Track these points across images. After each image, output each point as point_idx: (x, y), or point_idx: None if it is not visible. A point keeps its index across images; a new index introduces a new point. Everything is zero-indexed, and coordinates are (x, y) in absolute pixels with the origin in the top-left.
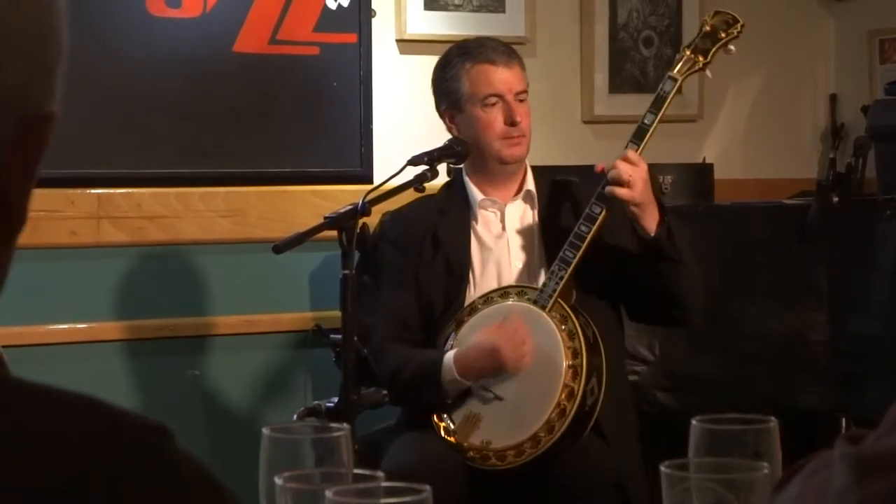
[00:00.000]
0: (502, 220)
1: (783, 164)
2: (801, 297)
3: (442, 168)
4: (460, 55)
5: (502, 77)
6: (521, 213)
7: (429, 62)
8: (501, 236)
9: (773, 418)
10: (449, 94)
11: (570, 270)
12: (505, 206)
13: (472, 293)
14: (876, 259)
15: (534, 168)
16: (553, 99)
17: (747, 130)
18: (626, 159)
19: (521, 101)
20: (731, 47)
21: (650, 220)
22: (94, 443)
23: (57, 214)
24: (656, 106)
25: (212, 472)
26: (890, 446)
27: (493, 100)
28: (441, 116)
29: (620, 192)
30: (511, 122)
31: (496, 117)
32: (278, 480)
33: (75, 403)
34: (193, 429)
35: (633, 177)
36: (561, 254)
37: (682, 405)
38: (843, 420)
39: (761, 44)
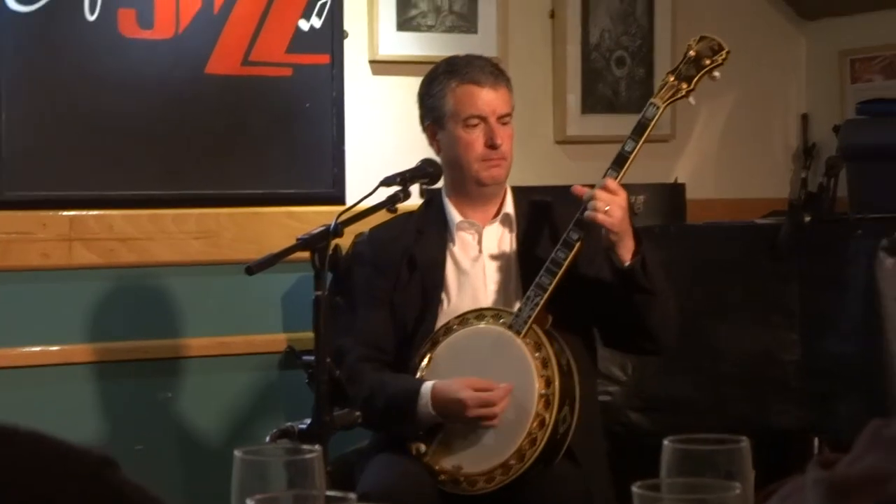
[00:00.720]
0: (479, 243)
1: (755, 184)
2: (773, 316)
3: (415, 189)
4: (447, 72)
5: (486, 99)
6: (498, 237)
7: (401, 83)
8: (478, 259)
9: (745, 438)
10: (433, 110)
11: (545, 296)
12: (483, 228)
13: (446, 315)
14: (848, 278)
15: (513, 189)
16: (526, 119)
17: (719, 150)
18: (605, 188)
19: (503, 123)
20: (716, 74)
21: (625, 250)
22: (39, 478)
23: (28, 236)
24: (637, 133)
25: (161, 502)
26: (861, 471)
27: (475, 121)
28: (424, 131)
29: (601, 218)
30: (491, 145)
31: (477, 138)
32: (250, 503)
33: (20, 438)
34: (166, 451)
35: (612, 206)
36: (537, 279)
37: (655, 425)
38: (816, 440)
39: (733, 64)
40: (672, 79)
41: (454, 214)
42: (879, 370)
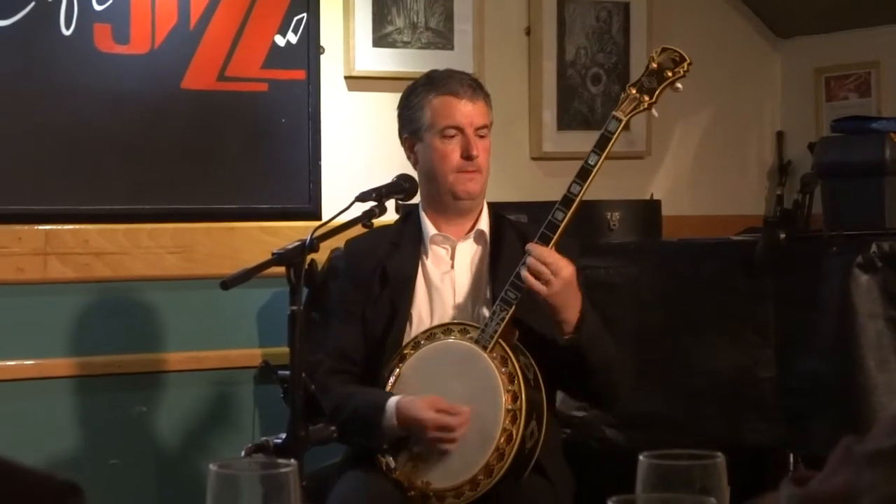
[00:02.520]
0: (452, 258)
1: (730, 201)
2: (748, 333)
3: (390, 204)
4: (426, 84)
5: (464, 110)
6: (471, 253)
7: (377, 98)
8: (448, 273)
9: (719, 454)
10: (411, 122)
11: (511, 311)
12: (457, 243)
13: (415, 329)
14: (823, 295)
15: (489, 206)
16: (501, 136)
17: (694, 167)
18: (541, 258)
19: (481, 136)
20: (679, 85)
21: (564, 325)
22: None
23: (3, 251)
24: (600, 146)
25: None
26: (834, 488)
27: (452, 132)
28: (402, 144)
29: (536, 286)
30: (467, 156)
31: (453, 150)
32: None
33: None
34: (141, 465)
35: (549, 277)
36: (502, 294)
37: (630, 441)
38: (791, 456)
39: (709, 81)
40: (634, 91)
41: (429, 228)
42: (854, 387)
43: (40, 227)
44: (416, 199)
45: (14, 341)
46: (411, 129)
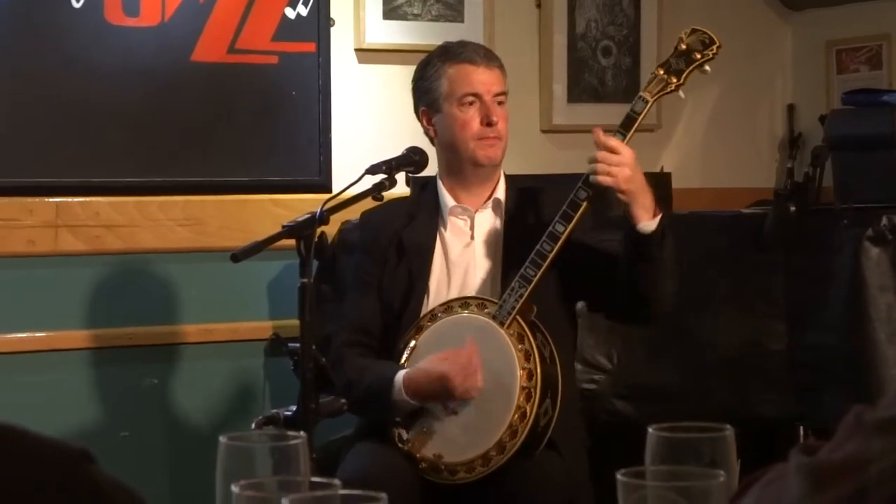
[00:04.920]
0: (471, 229)
1: (741, 174)
2: (758, 306)
3: (400, 177)
4: (441, 55)
5: (481, 77)
6: (490, 223)
7: (387, 71)
8: (469, 245)
9: (728, 426)
10: (427, 93)
11: (529, 288)
12: (475, 214)
13: (432, 301)
14: (833, 268)
15: (506, 175)
16: (512, 108)
17: (705, 140)
18: (609, 147)
19: (499, 103)
20: (707, 68)
21: (641, 210)
22: (17, 473)
23: (15, 223)
24: (626, 126)
25: (139, 495)
26: (844, 457)
27: (471, 99)
28: (418, 118)
29: (603, 179)
30: (488, 123)
31: (473, 117)
32: (235, 488)
33: None
34: (151, 437)
35: (616, 165)
36: (522, 270)
37: (640, 414)
38: (801, 429)
39: (720, 54)
40: (661, 72)
41: (448, 199)
42: (864, 359)
43: (51, 200)
44: (427, 172)
45: (25, 313)
46: (428, 101)
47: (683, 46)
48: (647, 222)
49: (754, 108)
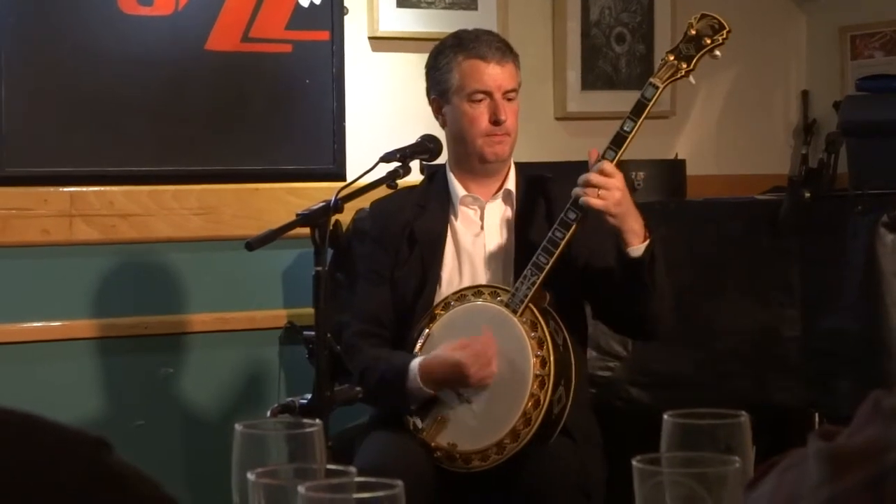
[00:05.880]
0: (481, 219)
1: (755, 160)
2: (773, 293)
3: (415, 165)
4: (454, 46)
5: (492, 74)
6: (500, 213)
7: (401, 59)
8: (479, 235)
9: (744, 413)
10: (439, 83)
11: (542, 276)
12: (485, 204)
13: (444, 291)
14: (848, 255)
15: (516, 165)
16: (525, 96)
17: (719, 126)
18: (600, 171)
19: (509, 99)
20: (717, 53)
21: (631, 234)
22: (35, 460)
23: (29, 212)
24: (636, 112)
25: (156, 483)
26: (861, 442)
27: (480, 96)
28: (430, 104)
29: (594, 202)
30: (495, 121)
31: (482, 114)
32: (251, 476)
33: (14, 421)
34: (167, 426)
35: (606, 185)
36: (534, 258)
37: (655, 401)
38: (816, 416)
39: (733, 40)
40: (672, 58)
41: (458, 189)
42: (880, 346)
43: (65, 189)
44: (441, 160)
45: (40, 303)
46: (439, 91)
47: (693, 32)
48: (636, 247)
49: (768, 94)
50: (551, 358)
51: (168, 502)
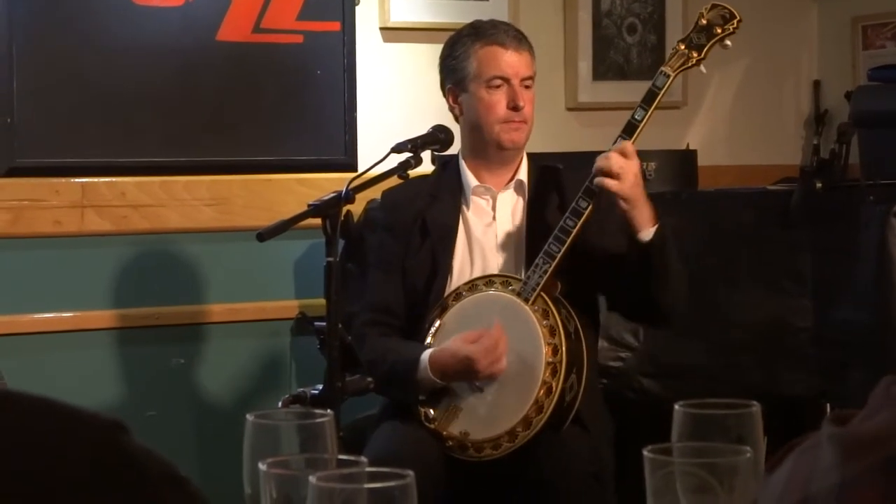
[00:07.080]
0: (493, 209)
1: (767, 151)
2: (784, 283)
3: (426, 155)
4: (471, 35)
5: (510, 61)
6: (512, 203)
7: (413, 50)
8: (491, 225)
9: (755, 403)
10: (455, 72)
11: (553, 264)
12: (497, 194)
13: (455, 281)
14: (860, 245)
15: (528, 155)
16: (537, 86)
17: (731, 117)
18: (620, 151)
19: (526, 87)
20: (728, 42)
21: (642, 219)
22: (51, 441)
23: (41, 203)
24: (647, 101)
25: (172, 465)
26: (873, 427)
27: (498, 82)
28: (445, 95)
29: (609, 183)
30: (514, 107)
31: (499, 100)
32: (262, 466)
33: (30, 403)
34: (178, 416)
35: (623, 169)
36: (546, 247)
37: (667, 391)
38: (828, 406)
39: (744, 30)
40: (683, 47)
41: (470, 179)
42: (891, 336)
43: (77, 180)
44: (452, 150)
45: (52, 293)
46: (455, 80)
47: (704, 21)
48: (647, 231)
49: (780, 84)
50: (563, 346)
51: (183, 483)
